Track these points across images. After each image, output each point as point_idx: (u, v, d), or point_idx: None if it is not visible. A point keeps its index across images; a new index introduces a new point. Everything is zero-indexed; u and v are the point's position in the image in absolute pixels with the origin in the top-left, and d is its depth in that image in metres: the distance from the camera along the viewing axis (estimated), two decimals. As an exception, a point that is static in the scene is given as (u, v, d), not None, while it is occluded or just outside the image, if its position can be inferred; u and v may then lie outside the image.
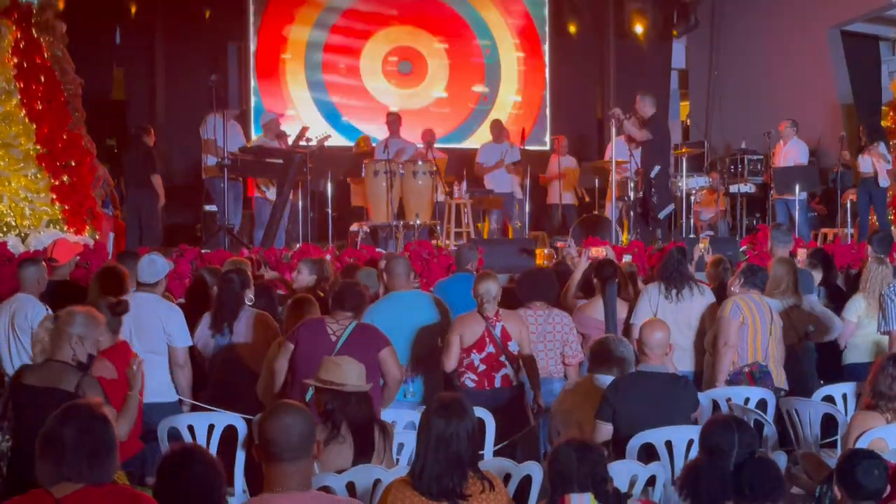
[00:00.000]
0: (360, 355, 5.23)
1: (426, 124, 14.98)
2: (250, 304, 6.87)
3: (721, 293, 7.46)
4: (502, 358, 6.51)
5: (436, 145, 13.24)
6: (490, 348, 6.50)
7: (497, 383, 6.52)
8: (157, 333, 6.34)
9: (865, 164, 12.73)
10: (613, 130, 11.64)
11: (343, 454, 4.76)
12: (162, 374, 6.33)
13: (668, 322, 6.66)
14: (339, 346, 5.74)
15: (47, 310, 6.93)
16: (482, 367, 6.51)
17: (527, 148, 14.84)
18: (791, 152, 13.01)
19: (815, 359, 7.77)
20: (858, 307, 7.48)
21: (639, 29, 16.96)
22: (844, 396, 6.53)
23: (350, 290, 6.13)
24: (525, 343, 6.62)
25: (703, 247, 9.27)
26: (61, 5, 10.56)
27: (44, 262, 7.44)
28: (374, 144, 13.20)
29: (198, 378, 6.72)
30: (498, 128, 14.11)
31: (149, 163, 11.99)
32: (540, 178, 14.57)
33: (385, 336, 6.04)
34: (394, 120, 13.22)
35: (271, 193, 11.94)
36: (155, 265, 6.52)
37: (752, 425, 5.53)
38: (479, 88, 16.44)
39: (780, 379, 6.90)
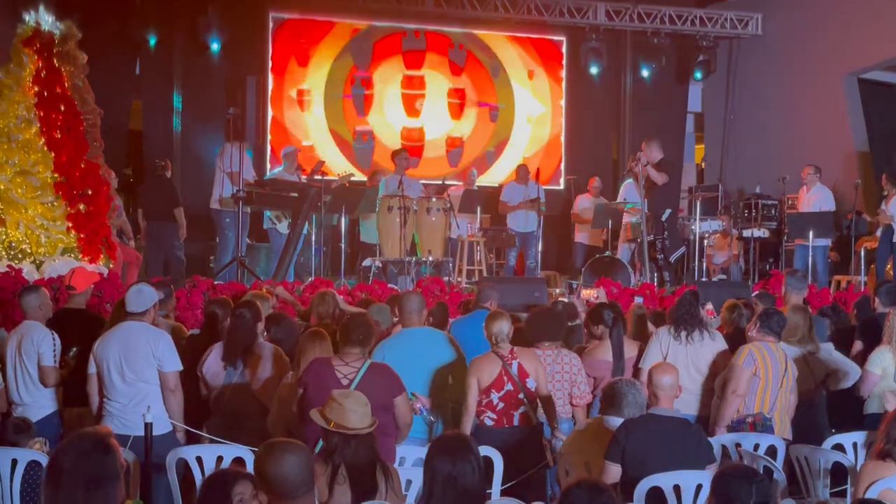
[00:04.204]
0: (374, 399, 5.15)
1: (441, 160, 15.16)
2: (263, 336, 6.88)
3: (736, 338, 7.43)
4: (521, 396, 6.46)
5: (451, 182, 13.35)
6: (508, 386, 6.44)
7: (516, 422, 6.47)
8: (147, 360, 6.32)
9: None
10: (642, 172, 11.64)
11: (343, 495, 4.72)
12: (157, 404, 6.29)
13: (679, 365, 6.64)
14: (352, 389, 5.65)
15: (53, 336, 6.95)
16: (501, 406, 6.46)
17: (542, 187, 14.92)
18: (815, 198, 12.95)
19: (824, 408, 7.73)
20: (884, 360, 7.42)
21: (655, 72, 17.04)
22: (855, 445, 6.48)
23: (357, 322, 6.05)
24: (542, 381, 6.56)
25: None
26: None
27: (45, 289, 7.47)
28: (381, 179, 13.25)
29: (203, 409, 6.72)
30: (523, 172, 14.21)
31: (174, 196, 12.28)
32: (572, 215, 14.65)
33: (399, 380, 5.95)
34: (402, 157, 13.23)
35: (282, 226, 11.99)
36: (142, 294, 6.51)
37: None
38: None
39: (783, 430, 6.81)
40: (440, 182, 13.85)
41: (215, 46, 14.76)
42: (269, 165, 14.70)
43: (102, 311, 8.42)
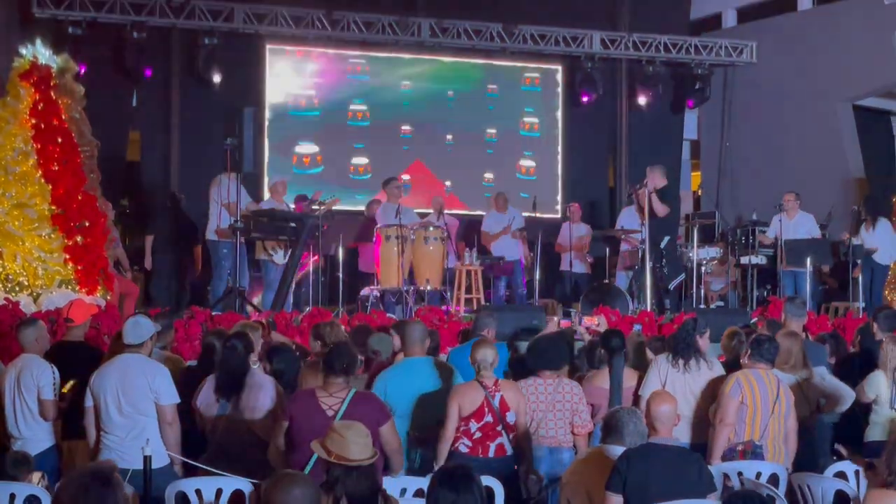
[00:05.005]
0: None
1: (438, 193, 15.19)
2: (255, 365, 6.86)
3: (735, 366, 7.40)
4: (499, 427, 6.48)
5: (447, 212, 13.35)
6: (488, 417, 6.46)
7: (491, 453, 6.48)
8: (144, 393, 6.28)
9: (869, 239, 12.67)
10: (647, 198, 11.66)
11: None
12: (155, 437, 6.26)
13: (677, 392, 6.65)
14: (336, 420, 5.62)
15: (53, 369, 6.91)
16: (478, 435, 6.48)
17: (539, 215, 14.93)
18: (801, 225, 13.00)
19: (829, 433, 7.71)
20: (879, 386, 7.43)
21: (651, 99, 17.09)
22: (857, 473, 6.46)
23: (340, 352, 6.01)
24: (522, 414, 6.59)
25: None
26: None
27: (42, 322, 7.45)
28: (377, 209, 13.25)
29: (198, 441, 6.68)
30: (501, 200, 14.24)
31: (195, 231, 12.48)
32: (556, 246, 14.61)
33: (385, 407, 5.95)
34: (394, 185, 13.23)
35: (278, 257, 12.00)
36: (139, 326, 6.49)
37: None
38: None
39: (777, 456, 6.76)
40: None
41: (213, 78, 14.81)
42: (266, 196, 14.71)
43: (101, 343, 8.39)
